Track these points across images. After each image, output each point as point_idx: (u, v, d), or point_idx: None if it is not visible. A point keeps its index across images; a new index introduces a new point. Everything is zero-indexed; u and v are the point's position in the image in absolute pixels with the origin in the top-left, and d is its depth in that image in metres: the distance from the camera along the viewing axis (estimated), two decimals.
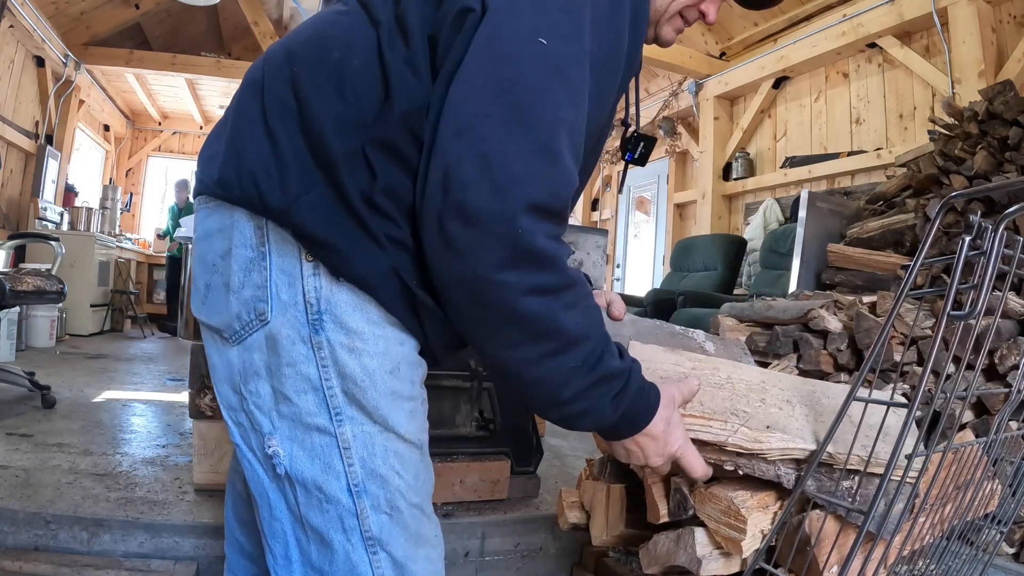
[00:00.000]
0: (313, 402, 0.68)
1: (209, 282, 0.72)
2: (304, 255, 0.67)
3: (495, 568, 1.52)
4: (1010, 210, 0.72)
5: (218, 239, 0.71)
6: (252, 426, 0.71)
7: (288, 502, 0.71)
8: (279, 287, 0.68)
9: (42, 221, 5.38)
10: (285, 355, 0.68)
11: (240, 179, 0.68)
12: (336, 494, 0.69)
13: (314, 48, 0.70)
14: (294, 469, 0.69)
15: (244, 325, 0.69)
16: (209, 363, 0.76)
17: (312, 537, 0.70)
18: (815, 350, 1.77)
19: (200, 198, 0.75)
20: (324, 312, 0.67)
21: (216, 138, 0.75)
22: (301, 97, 0.67)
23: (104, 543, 1.34)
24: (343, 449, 0.69)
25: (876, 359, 0.84)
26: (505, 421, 1.62)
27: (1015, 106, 2.11)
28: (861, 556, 0.85)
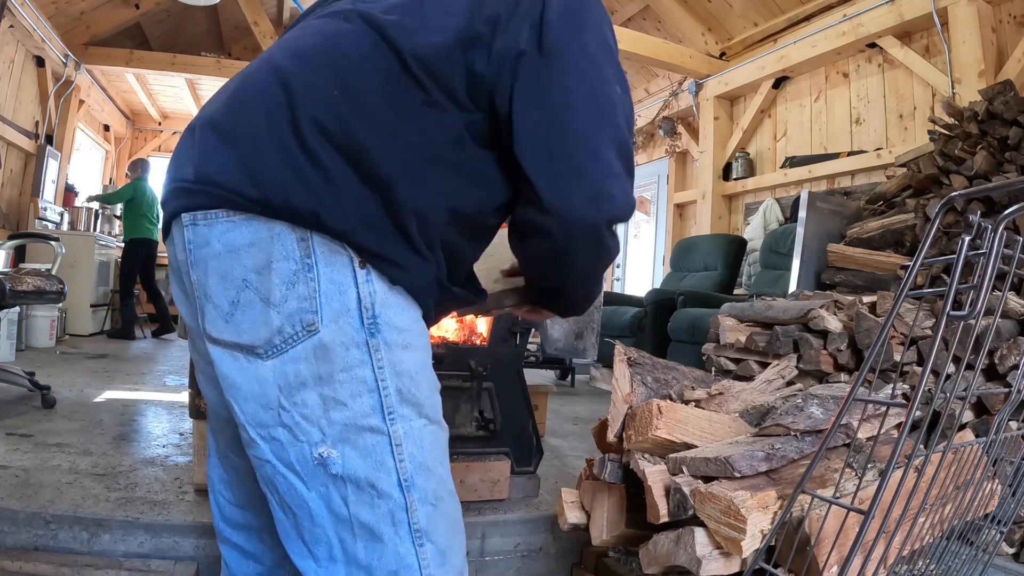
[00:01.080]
0: (368, 404, 0.72)
1: (236, 299, 0.70)
2: (357, 263, 0.70)
3: (495, 568, 1.52)
4: (1010, 210, 0.72)
5: (249, 253, 0.69)
6: (294, 438, 0.71)
7: (331, 505, 0.72)
8: (329, 296, 0.69)
9: (42, 221, 5.38)
10: (339, 361, 0.70)
11: (282, 194, 0.68)
12: (388, 490, 0.73)
13: (342, 70, 0.72)
14: (347, 469, 0.71)
15: (287, 338, 0.70)
16: (224, 383, 0.73)
17: (360, 534, 0.72)
18: (815, 350, 1.77)
19: (215, 212, 0.70)
20: (379, 315, 0.71)
21: (221, 144, 0.71)
22: (345, 121, 0.70)
23: (104, 543, 1.34)
24: (395, 446, 0.73)
25: (876, 359, 0.84)
26: (505, 421, 1.62)
27: (1015, 106, 2.11)
28: (861, 556, 0.85)
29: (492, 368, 1.59)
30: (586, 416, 3.12)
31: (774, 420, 1.19)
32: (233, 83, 0.79)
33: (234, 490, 0.94)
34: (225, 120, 0.73)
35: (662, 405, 1.16)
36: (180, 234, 0.74)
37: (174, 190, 0.75)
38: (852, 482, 1.09)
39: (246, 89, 0.74)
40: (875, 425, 1.29)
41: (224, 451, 0.93)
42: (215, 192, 0.70)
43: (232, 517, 0.95)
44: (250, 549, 0.98)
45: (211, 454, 0.96)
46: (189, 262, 0.73)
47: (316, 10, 0.88)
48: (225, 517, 0.96)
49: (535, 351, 4.00)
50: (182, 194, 0.73)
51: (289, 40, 0.79)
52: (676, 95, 5.88)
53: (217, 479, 0.96)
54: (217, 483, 0.96)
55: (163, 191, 0.80)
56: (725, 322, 2.08)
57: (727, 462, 1.02)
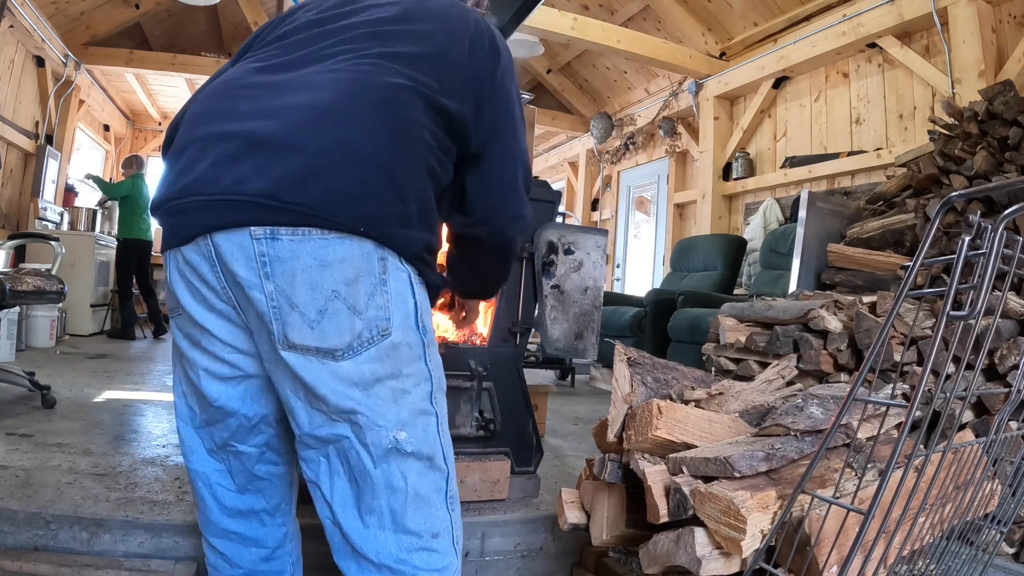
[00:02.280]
0: (424, 391, 0.88)
1: (324, 308, 0.80)
2: (413, 277, 0.87)
3: (495, 568, 1.52)
4: (1010, 210, 0.72)
5: (340, 267, 0.80)
6: (372, 423, 0.83)
7: (391, 480, 0.85)
8: (396, 305, 0.84)
9: (42, 221, 5.37)
10: (405, 358, 0.86)
11: (383, 223, 0.82)
12: (440, 463, 0.89)
13: (410, 122, 0.86)
14: (416, 446, 0.86)
15: (364, 341, 0.82)
16: (299, 382, 0.83)
17: (412, 503, 0.86)
18: (815, 350, 1.77)
19: (309, 229, 0.79)
20: (424, 321, 0.89)
21: (312, 174, 0.79)
22: (414, 165, 0.86)
23: (104, 543, 1.34)
24: (440, 424, 0.90)
25: (876, 359, 0.84)
26: (505, 421, 1.62)
27: (1015, 106, 2.11)
28: (861, 556, 0.85)
29: (492, 368, 1.59)
30: (586, 416, 3.12)
31: (774, 420, 1.19)
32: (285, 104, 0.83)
33: (235, 477, 0.99)
34: (317, 152, 0.79)
35: (662, 405, 1.16)
36: (244, 246, 0.79)
37: (231, 203, 0.78)
38: (852, 482, 1.09)
39: (332, 125, 0.81)
40: (875, 425, 1.29)
41: (224, 443, 0.97)
42: (310, 214, 0.78)
43: (233, 505, 1.00)
44: (251, 535, 1.01)
45: (194, 452, 0.99)
46: (262, 273, 0.79)
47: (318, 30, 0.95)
48: (225, 507, 0.99)
49: (535, 351, 4.00)
50: (250, 208, 0.78)
51: (346, 77, 0.86)
52: (676, 95, 5.88)
53: (212, 471, 0.99)
54: (213, 475, 0.99)
55: (184, 198, 0.81)
56: (725, 322, 2.08)
57: (727, 462, 1.02)
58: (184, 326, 0.92)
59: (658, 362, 1.42)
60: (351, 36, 0.92)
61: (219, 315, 0.87)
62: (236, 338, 0.89)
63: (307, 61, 0.90)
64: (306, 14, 1.01)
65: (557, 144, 8.28)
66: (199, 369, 0.92)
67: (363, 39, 0.91)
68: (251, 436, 0.97)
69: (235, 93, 0.87)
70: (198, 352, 0.92)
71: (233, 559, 1.01)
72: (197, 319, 0.88)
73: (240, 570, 1.01)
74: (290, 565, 1.06)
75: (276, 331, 0.80)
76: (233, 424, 0.95)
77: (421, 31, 0.94)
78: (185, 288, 0.88)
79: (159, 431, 2.18)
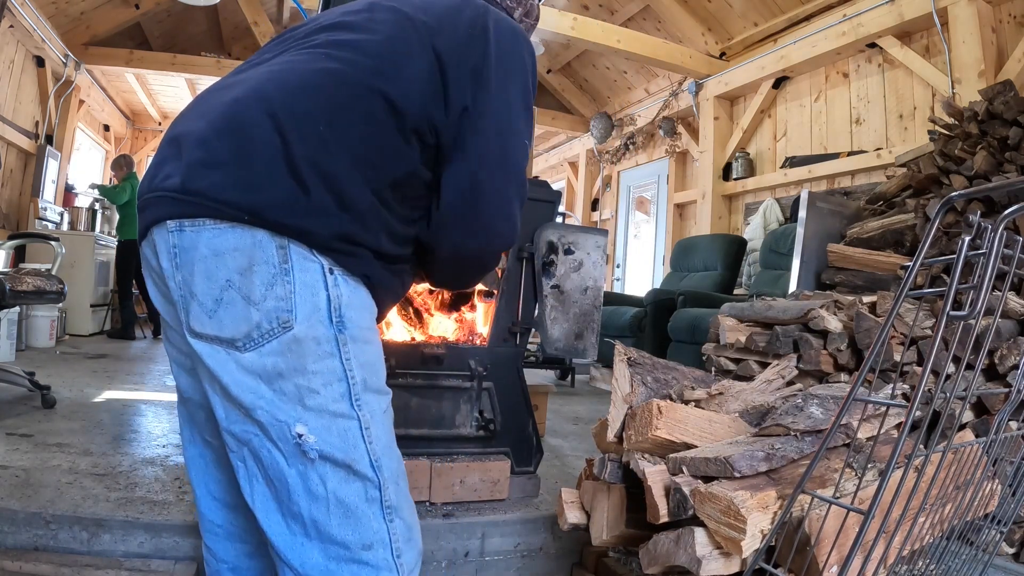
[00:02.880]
0: (338, 391, 0.81)
1: (220, 297, 0.78)
2: (327, 269, 0.81)
3: (495, 568, 1.52)
4: (1010, 210, 0.72)
5: (233, 257, 0.78)
6: (273, 419, 0.79)
7: (308, 483, 0.80)
8: (303, 297, 0.79)
9: (42, 221, 5.37)
10: (310, 354, 0.80)
11: (271, 209, 0.78)
12: (363, 470, 0.82)
13: (331, 109, 0.81)
14: (326, 452, 0.80)
15: (263, 333, 0.78)
16: (207, 372, 0.81)
17: (336, 511, 0.80)
18: (815, 350, 1.77)
19: (204, 220, 0.78)
20: (344, 315, 0.82)
21: (205, 166, 0.78)
22: (330, 155, 0.80)
23: (104, 543, 1.34)
24: (364, 429, 0.83)
25: (876, 359, 0.84)
26: (505, 421, 1.62)
27: (1015, 106, 2.11)
28: (861, 556, 0.85)
29: (492, 368, 1.59)
30: (586, 416, 3.12)
31: (774, 420, 1.19)
32: (218, 102, 0.84)
33: (222, 469, 1.00)
34: (218, 142, 0.79)
35: (662, 405, 1.16)
36: (164, 238, 0.81)
37: (158, 198, 0.81)
38: (852, 482, 1.09)
39: (237, 115, 0.81)
40: (875, 425, 1.29)
41: (201, 433, 1.00)
42: (205, 204, 0.77)
43: (222, 496, 1.01)
44: (235, 529, 1.02)
45: (192, 440, 1.01)
46: (175, 264, 0.80)
47: (290, 35, 0.95)
48: (215, 498, 1.01)
49: (535, 351, 4.00)
50: (168, 203, 0.80)
51: (276, 68, 0.86)
52: (676, 95, 5.88)
53: (207, 460, 1.01)
54: (206, 464, 1.01)
55: (143, 197, 0.85)
56: (725, 322, 2.08)
57: (727, 462, 1.02)
58: (161, 319, 0.96)
59: (658, 362, 1.42)
60: (311, 30, 0.91)
61: (168, 305, 0.90)
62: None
63: (262, 62, 0.91)
64: (317, 19, 1.00)
65: (557, 144, 8.27)
66: (171, 360, 0.97)
67: (320, 31, 0.90)
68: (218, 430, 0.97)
69: (203, 97, 0.91)
70: (168, 343, 0.97)
71: (218, 553, 1.02)
72: (159, 309, 0.92)
73: (225, 564, 1.02)
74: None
75: (183, 319, 0.81)
76: (201, 417, 0.98)
77: (380, 17, 0.89)
78: (149, 280, 0.92)
79: (159, 431, 2.18)
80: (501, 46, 0.92)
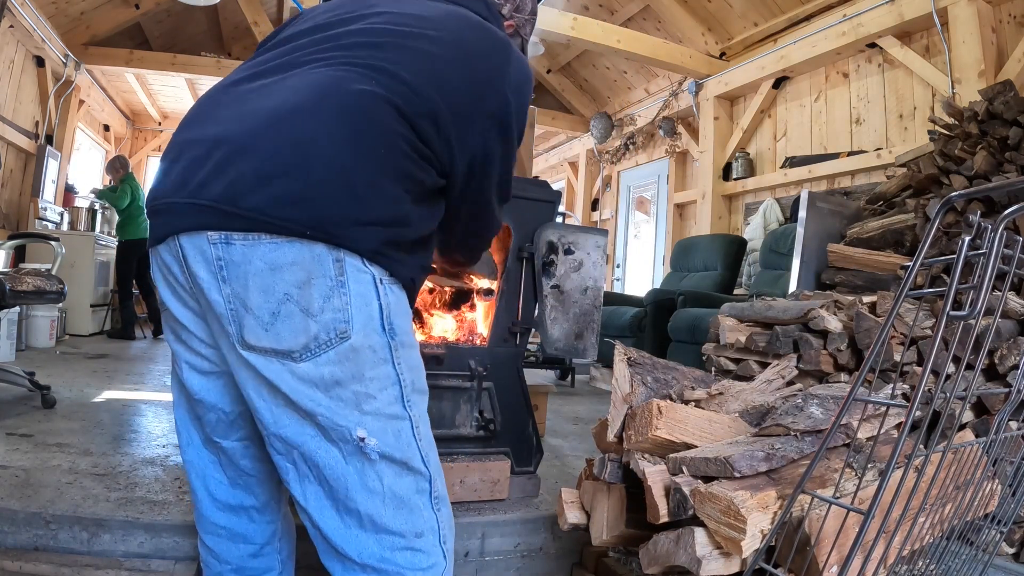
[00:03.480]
0: (393, 395, 0.87)
1: (277, 311, 0.80)
2: (378, 280, 0.84)
3: (495, 568, 1.52)
4: (1010, 210, 0.72)
5: (291, 271, 0.80)
6: (334, 424, 0.83)
7: (366, 480, 0.85)
8: (358, 308, 0.83)
9: (42, 221, 5.37)
10: (367, 361, 0.84)
11: (333, 225, 0.80)
12: (417, 466, 0.88)
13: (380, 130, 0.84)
14: (386, 452, 0.85)
15: (321, 344, 0.81)
16: (261, 383, 0.83)
17: (391, 504, 0.86)
18: (815, 350, 1.77)
19: (259, 235, 0.79)
20: (393, 322, 0.86)
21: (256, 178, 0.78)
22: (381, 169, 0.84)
23: (104, 543, 1.34)
24: (415, 428, 0.89)
25: (876, 359, 0.84)
26: (505, 421, 1.62)
27: (1015, 106, 2.11)
28: (861, 556, 0.85)
29: (492, 368, 1.59)
30: (586, 416, 3.12)
31: (774, 420, 1.19)
32: (258, 107, 0.84)
33: (225, 470, 1.01)
34: (273, 154, 0.80)
35: (662, 405, 1.16)
36: (202, 249, 0.80)
37: (191, 206, 0.80)
38: (852, 482, 1.09)
39: (291, 127, 0.81)
40: (875, 425, 1.29)
41: (209, 436, 0.99)
42: (261, 219, 0.78)
43: (225, 499, 1.01)
44: (240, 530, 1.02)
45: (191, 443, 1.01)
46: (220, 277, 0.80)
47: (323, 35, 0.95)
48: (217, 501, 1.01)
49: (535, 351, 3.99)
50: (208, 213, 0.79)
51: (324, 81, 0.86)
52: (676, 95, 5.88)
53: (208, 462, 1.01)
54: (208, 466, 1.01)
55: (164, 200, 0.84)
56: (725, 322, 2.08)
57: (727, 462, 1.02)
58: (168, 320, 0.96)
59: (658, 362, 1.42)
60: (345, 43, 0.91)
61: (192, 312, 0.90)
62: (207, 334, 0.92)
63: (293, 65, 0.90)
64: (315, 17, 1.00)
65: (557, 144, 8.27)
66: (182, 362, 0.96)
67: (354, 47, 0.90)
68: (232, 431, 0.99)
69: (220, 99, 0.90)
70: (180, 345, 0.96)
71: (221, 555, 1.02)
72: (175, 314, 0.92)
73: (228, 566, 1.03)
74: (279, 563, 1.07)
75: (234, 332, 0.82)
76: (213, 419, 0.98)
77: (420, 48, 0.91)
78: (164, 284, 0.91)
79: (159, 431, 2.18)
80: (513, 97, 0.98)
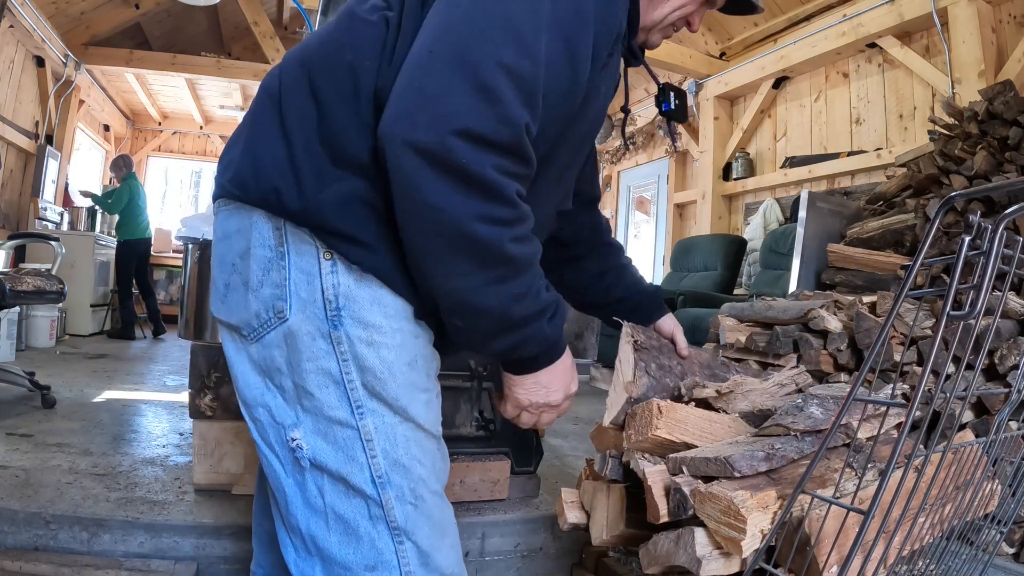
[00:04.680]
0: (335, 396, 0.71)
1: (228, 281, 0.75)
2: (323, 254, 0.70)
3: (495, 568, 1.52)
4: (1010, 210, 0.72)
5: (237, 239, 0.73)
6: (272, 420, 0.73)
7: (306, 494, 0.72)
8: (298, 285, 0.70)
9: (42, 221, 5.37)
10: (305, 350, 0.70)
11: (258, 182, 0.71)
12: (360, 485, 0.71)
13: (327, 53, 0.72)
14: (318, 460, 0.71)
15: (263, 323, 0.71)
16: (228, 362, 0.78)
17: (335, 527, 0.72)
18: (815, 350, 1.77)
19: (219, 201, 0.78)
20: (342, 308, 0.70)
21: (233, 145, 0.78)
22: (320, 101, 0.70)
23: (104, 543, 1.34)
24: (365, 441, 0.71)
25: (876, 359, 0.84)
26: (505, 421, 1.61)
27: (1015, 106, 2.11)
28: (861, 556, 0.85)
29: (492, 368, 1.59)
30: (586, 416, 3.12)
31: (774, 420, 1.19)
32: None
33: None
34: (246, 116, 0.78)
35: (662, 405, 1.16)
36: None
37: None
38: (852, 482, 1.09)
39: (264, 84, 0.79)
40: (875, 425, 1.29)
41: None
42: (221, 183, 0.76)
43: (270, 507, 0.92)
44: (255, 552, 0.99)
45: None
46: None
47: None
48: (265, 506, 0.96)
49: None
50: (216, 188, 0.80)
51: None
52: None
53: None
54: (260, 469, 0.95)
55: None
56: (725, 322, 2.08)
57: (727, 462, 1.02)
58: None
59: (665, 345, 1.39)
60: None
61: None
62: None
63: None
64: None
65: None
66: None
67: None
68: None
69: None
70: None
71: (258, 558, 0.99)
72: None
73: (262, 570, 0.98)
74: None
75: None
76: None
77: None
78: None
79: (159, 431, 2.18)
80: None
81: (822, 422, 1.17)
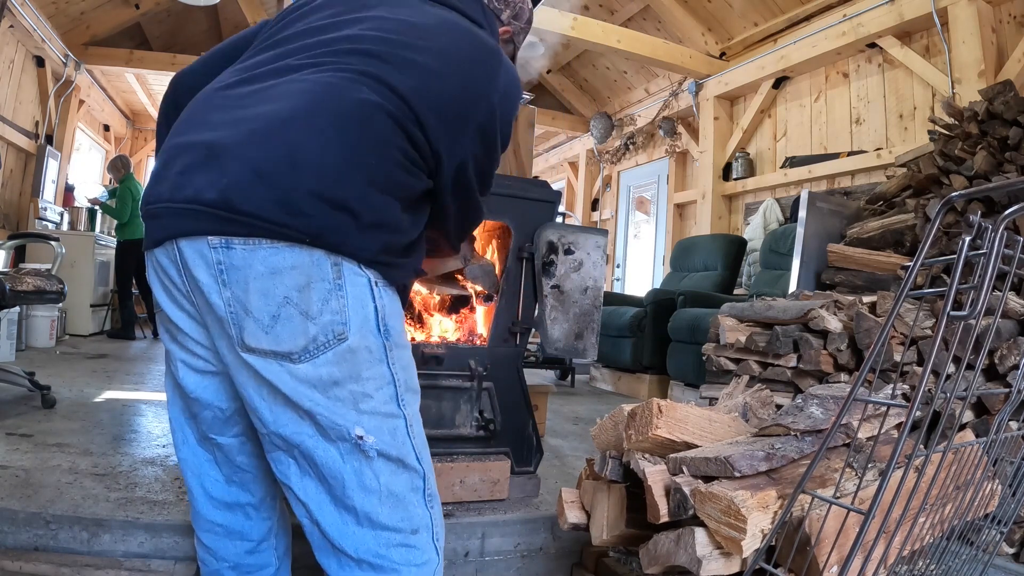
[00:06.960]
0: (388, 394, 0.89)
1: (277, 313, 0.82)
2: (373, 283, 0.87)
3: (495, 568, 1.52)
4: (1010, 210, 0.72)
5: (291, 275, 0.82)
6: (334, 423, 0.85)
7: (362, 478, 0.87)
8: (354, 310, 0.85)
9: (42, 221, 5.37)
10: (364, 361, 0.87)
11: (328, 236, 0.82)
12: (411, 463, 0.91)
13: (376, 140, 0.86)
14: (382, 448, 0.88)
15: (320, 345, 0.83)
16: (268, 382, 0.84)
17: (387, 501, 0.88)
18: (815, 350, 1.77)
19: (259, 240, 0.80)
20: (387, 323, 0.89)
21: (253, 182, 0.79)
22: (375, 183, 0.86)
23: (104, 543, 1.34)
24: (409, 426, 0.92)
25: (876, 359, 0.84)
26: (505, 421, 1.62)
27: (1015, 106, 2.11)
28: (861, 556, 0.85)
29: (492, 368, 1.59)
30: (586, 416, 3.12)
31: (774, 420, 1.19)
32: (255, 114, 0.84)
33: (221, 467, 1.02)
34: (271, 163, 0.80)
35: (662, 404, 1.16)
36: (203, 253, 0.81)
37: (189, 211, 0.81)
38: (852, 482, 1.09)
39: (288, 137, 0.82)
40: (875, 425, 1.29)
41: (205, 433, 1.01)
42: (258, 224, 0.80)
43: (220, 497, 1.03)
44: (236, 528, 1.03)
45: (186, 441, 1.02)
46: (221, 280, 0.82)
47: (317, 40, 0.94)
48: (213, 498, 1.03)
49: (535, 351, 4.00)
50: (207, 218, 0.80)
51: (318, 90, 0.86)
52: (676, 95, 5.88)
53: (204, 460, 1.02)
54: (204, 464, 1.02)
55: (159, 204, 0.84)
56: (725, 322, 2.08)
57: (727, 462, 1.02)
58: (163, 320, 0.97)
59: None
60: (340, 49, 0.91)
61: (187, 315, 0.92)
62: (203, 336, 0.93)
63: (289, 70, 0.90)
64: (307, 17, 0.99)
65: (557, 144, 8.27)
66: (177, 361, 0.97)
67: (347, 54, 0.90)
68: (228, 427, 1.00)
69: (214, 102, 0.90)
70: (175, 345, 0.97)
71: (218, 552, 1.03)
72: (170, 316, 0.94)
73: (225, 563, 1.04)
74: (275, 559, 1.08)
75: (235, 335, 0.83)
76: (208, 416, 0.99)
77: (409, 58, 0.91)
78: (160, 287, 0.93)
79: (159, 431, 2.18)
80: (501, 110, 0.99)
81: (822, 422, 1.17)
